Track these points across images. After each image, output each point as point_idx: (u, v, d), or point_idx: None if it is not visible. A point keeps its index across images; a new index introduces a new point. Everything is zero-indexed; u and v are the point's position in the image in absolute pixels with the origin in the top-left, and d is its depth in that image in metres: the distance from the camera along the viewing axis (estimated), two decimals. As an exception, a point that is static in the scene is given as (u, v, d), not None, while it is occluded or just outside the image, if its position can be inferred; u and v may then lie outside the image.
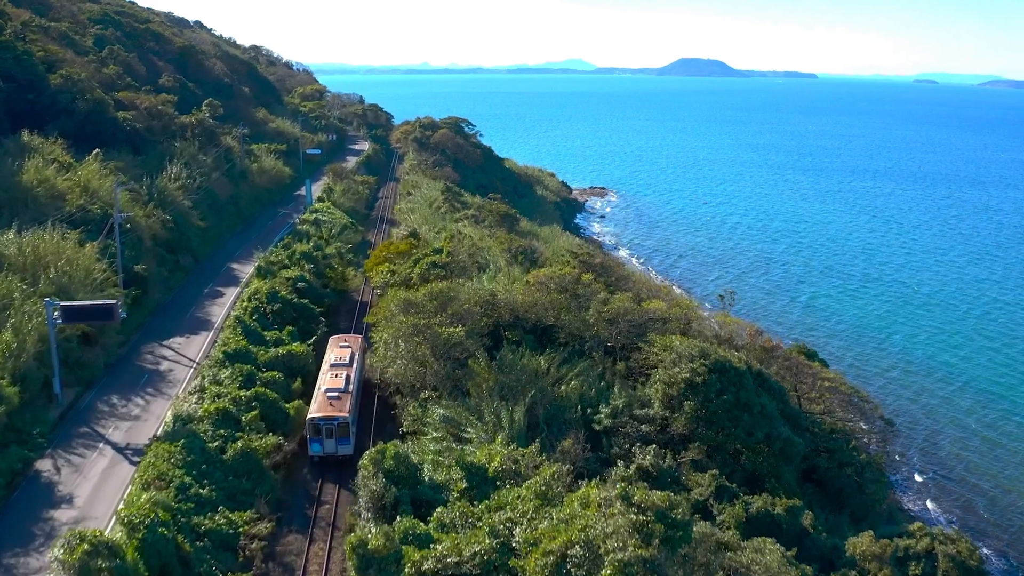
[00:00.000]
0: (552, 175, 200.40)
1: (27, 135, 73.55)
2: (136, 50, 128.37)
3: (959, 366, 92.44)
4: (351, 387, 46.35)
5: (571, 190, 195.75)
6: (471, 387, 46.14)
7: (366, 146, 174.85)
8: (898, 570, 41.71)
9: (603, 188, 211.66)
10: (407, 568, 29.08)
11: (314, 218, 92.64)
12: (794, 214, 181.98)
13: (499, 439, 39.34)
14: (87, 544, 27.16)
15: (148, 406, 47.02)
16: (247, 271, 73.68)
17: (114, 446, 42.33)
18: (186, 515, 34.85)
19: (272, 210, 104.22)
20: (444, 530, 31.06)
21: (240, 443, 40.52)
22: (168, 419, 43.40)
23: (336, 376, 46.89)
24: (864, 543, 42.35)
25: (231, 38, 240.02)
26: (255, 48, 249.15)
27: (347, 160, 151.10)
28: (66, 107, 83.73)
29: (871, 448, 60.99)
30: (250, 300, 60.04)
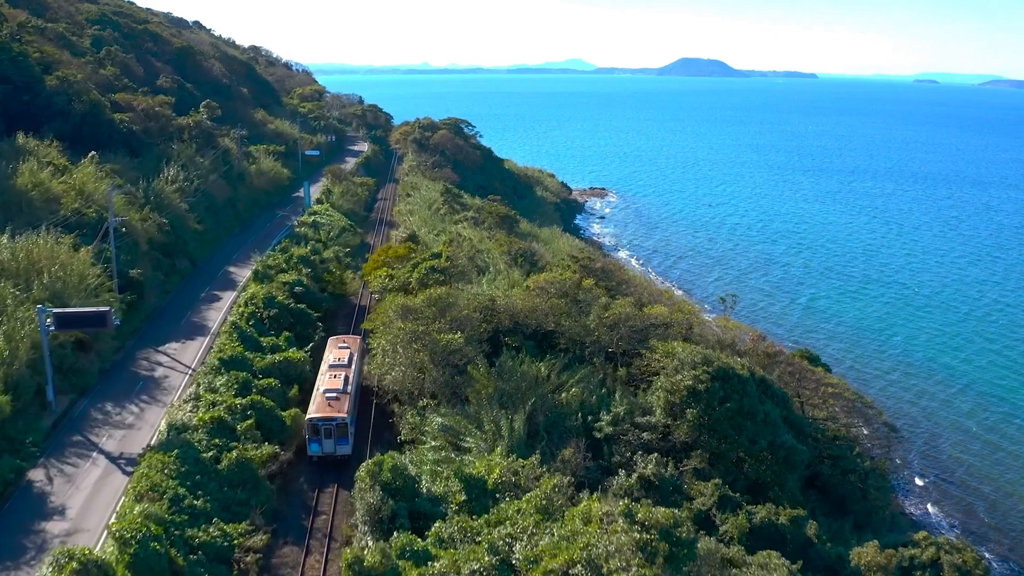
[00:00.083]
0: (552, 176, 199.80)
1: (22, 137, 72.86)
2: (134, 51, 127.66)
3: (960, 368, 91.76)
4: (350, 388, 46.68)
5: (571, 191, 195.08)
6: (470, 394, 45.51)
7: (365, 147, 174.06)
8: (903, 581, 41.12)
9: (603, 189, 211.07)
10: (405, 585, 28.44)
11: (312, 220, 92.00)
12: (794, 215, 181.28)
13: (498, 450, 38.65)
14: (76, 563, 26.51)
15: (142, 414, 46.38)
16: (244, 274, 72.99)
17: (107, 455, 41.71)
18: (179, 528, 34.20)
19: (270, 212, 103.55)
20: (442, 545, 30.34)
21: (235, 452, 39.90)
22: (162, 428, 42.80)
23: (335, 377, 47.25)
24: (869, 553, 41.72)
25: (230, 38, 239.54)
26: (254, 48, 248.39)
27: (346, 161, 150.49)
28: (62, 109, 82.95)
29: (874, 453, 60.40)
30: (247, 305, 59.34)
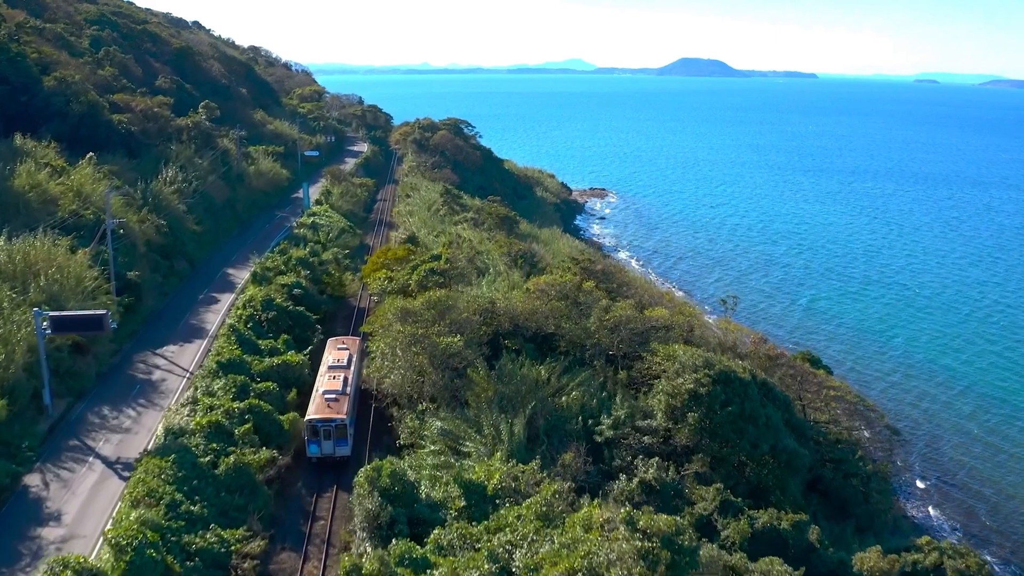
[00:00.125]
0: (552, 176, 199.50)
1: (20, 138, 72.48)
2: (133, 51, 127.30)
3: (960, 370, 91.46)
4: (349, 389, 46.63)
5: (571, 191, 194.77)
6: (470, 397, 45.17)
7: (365, 148, 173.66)
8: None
9: (603, 189, 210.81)
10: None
11: (311, 222, 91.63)
12: (794, 215, 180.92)
13: (498, 454, 38.29)
14: (70, 571, 26.25)
15: (140, 418, 46.03)
16: (243, 276, 72.64)
17: (104, 460, 41.37)
18: (176, 534, 33.89)
19: (269, 213, 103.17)
20: (441, 553, 29.98)
21: (233, 457, 39.53)
22: (159, 432, 42.44)
23: (334, 378, 47.23)
24: (872, 559, 41.42)
25: (230, 39, 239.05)
26: (254, 49, 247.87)
27: (345, 162, 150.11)
28: (60, 110, 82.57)
29: (875, 456, 60.08)
30: (245, 308, 58.98)
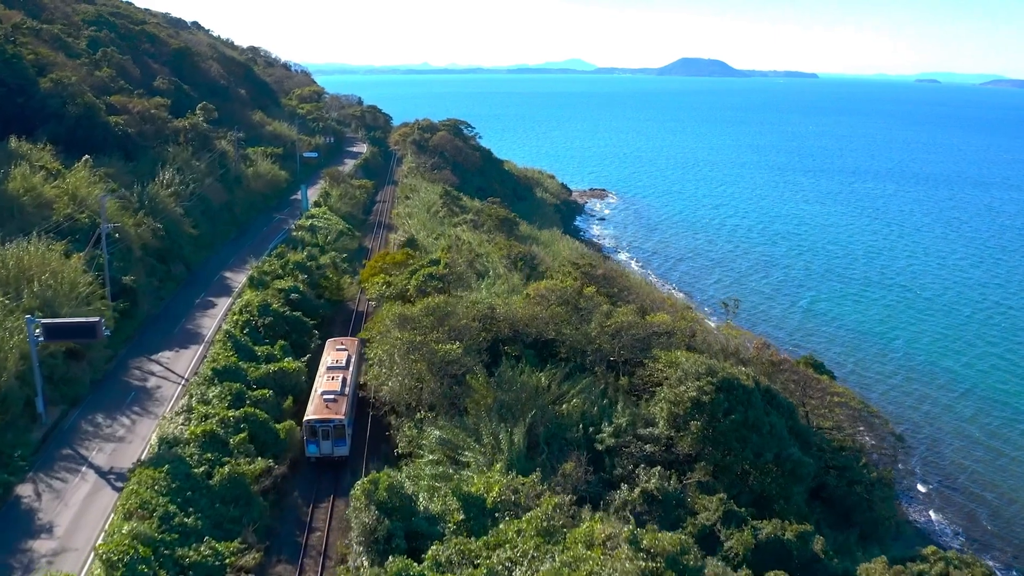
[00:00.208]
0: (552, 177, 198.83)
1: (15, 141, 71.77)
2: (131, 52, 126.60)
3: (961, 372, 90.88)
4: (347, 390, 46.85)
5: (571, 192, 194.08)
6: (469, 405, 44.49)
7: (364, 148, 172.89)
8: (912, 598, 40.11)
9: (603, 190, 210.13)
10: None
11: (310, 224, 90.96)
12: (795, 216, 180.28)
13: (498, 466, 37.60)
14: (59, 590, 25.49)
15: (134, 426, 45.36)
16: (240, 280, 71.97)
17: (97, 470, 40.72)
18: (169, 547, 33.20)
19: (268, 215, 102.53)
20: (440, 570, 29.29)
21: (227, 467, 38.86)
22: (153, 441, 41.84)
23: (332, 379, 47.52)
24: (877, 569, 40.66)
25: (229, 39, 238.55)
26: (253, 49, 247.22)
27: (345, 163, 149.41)
28: (56, 112, 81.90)
29: (877, 461, 59.42)
30: (241, 313, 58.24)
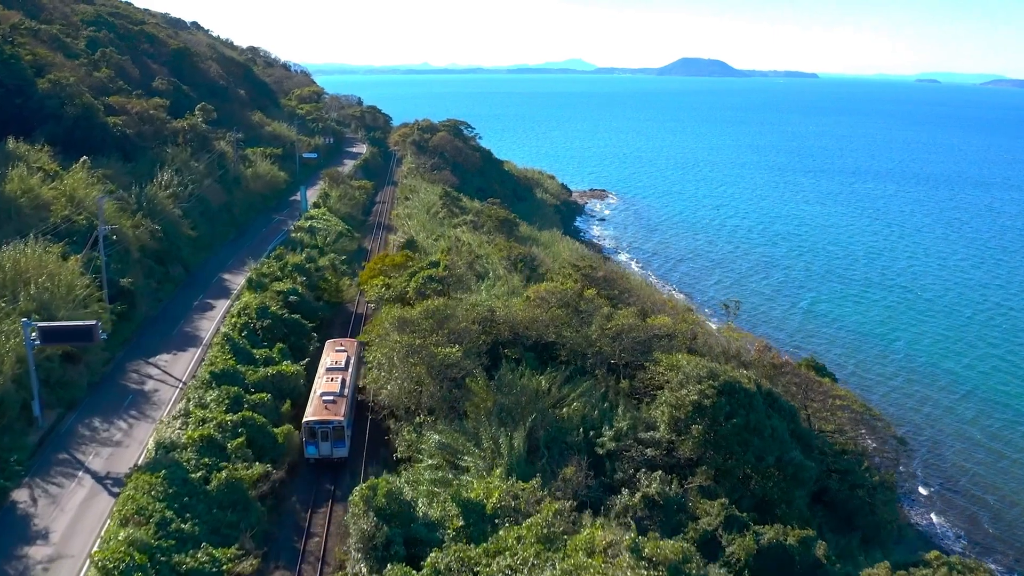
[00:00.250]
0: (552, 177, 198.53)
1: (12, 142, 71.43)
2: (130, 52, 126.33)
3: (962, 374, 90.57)
4: (346, 391, 46.82)
5: (571, 192, 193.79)
6: (469, 408, 44.15)
7: (364, 149, 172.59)
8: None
9: (603, 190, 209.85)
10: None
11: (309, 225, 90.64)
12: (795, 216, 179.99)
13: (498, 470, 37.25)
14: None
15: (131, 430, 45.02)
16: (239, 282, 71.63)
17: (94, 475, 40.38)
18: (166, 553, 32.86)
19: (267, 217, 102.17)
20: (438, 578, 29.03)
21: (225, 473, 38.48)
22: (150, 446, 41.48)
23: (332, 380, 47.52)
24: (880, 574, 40.46)
25: (228, 39, 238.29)
26: (252, 49, 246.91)
27: (344, 164, 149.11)
28: (54, 112, 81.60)
29: (879, 464, 59.11)
30: (240, 315, 57.87)
